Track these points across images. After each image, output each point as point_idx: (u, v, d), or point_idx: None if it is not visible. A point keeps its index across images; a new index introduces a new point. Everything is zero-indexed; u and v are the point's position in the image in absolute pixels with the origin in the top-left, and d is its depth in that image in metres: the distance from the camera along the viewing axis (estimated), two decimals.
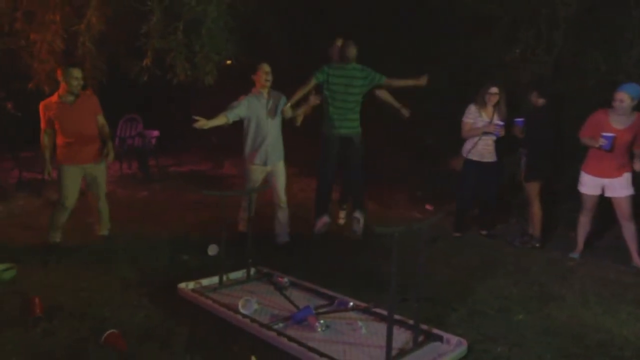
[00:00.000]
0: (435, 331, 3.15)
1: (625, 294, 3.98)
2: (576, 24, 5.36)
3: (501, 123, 5.06)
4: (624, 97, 4.35)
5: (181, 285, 3.83)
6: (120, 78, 6.15)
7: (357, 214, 5.04)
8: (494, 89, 5.10)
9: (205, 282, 3.95)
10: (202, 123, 4.45)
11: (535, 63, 5.55)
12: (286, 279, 3.97)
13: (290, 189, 5.35)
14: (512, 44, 5.65)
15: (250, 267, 4.12)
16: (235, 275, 4.13)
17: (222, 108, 4.73)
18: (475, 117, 5.18)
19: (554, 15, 5.35)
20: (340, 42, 5.01)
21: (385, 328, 2.83)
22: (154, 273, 4.24)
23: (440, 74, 5.80)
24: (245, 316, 3.35)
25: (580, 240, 4.83)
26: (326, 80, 4.83)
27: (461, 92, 5.62)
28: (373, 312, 3.45)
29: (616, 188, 4.54)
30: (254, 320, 3.29)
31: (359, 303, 3.57)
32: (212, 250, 4.64)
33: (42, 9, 5.69)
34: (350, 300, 3.60)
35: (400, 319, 3.21)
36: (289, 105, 4.78)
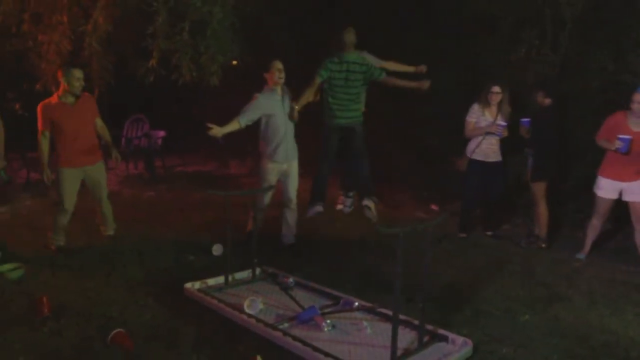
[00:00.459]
0: (441, 331, 3.16)
1: (631, 295, 3.97)
2: (581, 24, 5.34)
3: (504, 124, 5.04)
4: None
5: (187, 285, 3.85)
6: (127, 79, 6.18)
7: (366, 202, 4.95)
8: (495, 88, 5.08)
9: (211, 282, 3.97)
10: (216, 131, 4.42)
11: (540, 63, 5.53)
12: (291, 279, 3.98)
13: None
14: (517, 43, 5.63)
15: (255, 267, 4.14)
16: (241, 275, 4.15)
17: (228, 108, 4.72)
18: (479, 116, 5.17)
19: (558, 15, 5.34)
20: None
21: (390, 328, 2.83)
22: (159, 273, 4.26)
23: (445, 74, 5.79)
24: (250, 316, 3.37)
25: (588, 242, 4.79)
26: (327, 76, 4.82)
27: (466, 92, 5.61)
28: (378, 312, 3.46)
29: (635, 192, 4.43)
30: (259, 320, 3.31)
31: (364, 303, 3.57)
32: (217, 250, 4.69)
33: (50, 10, 5.73)
34: (356, 300, 3.61)
35: (406, 319, 3.22)
36: (297, 108, 4.76)
